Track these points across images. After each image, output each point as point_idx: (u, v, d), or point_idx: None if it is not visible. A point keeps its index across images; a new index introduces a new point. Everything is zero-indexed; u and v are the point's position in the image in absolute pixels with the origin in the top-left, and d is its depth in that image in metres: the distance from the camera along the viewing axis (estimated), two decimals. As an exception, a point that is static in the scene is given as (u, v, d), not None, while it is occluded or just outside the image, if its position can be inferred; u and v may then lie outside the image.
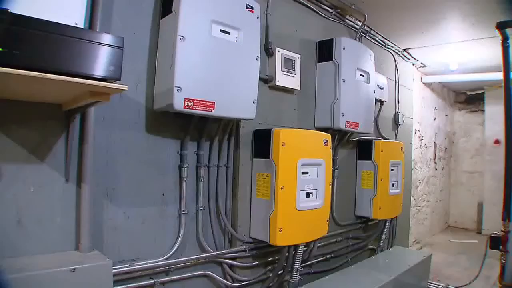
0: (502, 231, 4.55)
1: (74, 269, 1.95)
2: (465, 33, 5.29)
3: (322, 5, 4.21)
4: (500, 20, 4.37)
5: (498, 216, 4.58)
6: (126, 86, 1.76)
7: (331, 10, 4.32)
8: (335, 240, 4.38)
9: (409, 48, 6.08)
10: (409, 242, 6.81)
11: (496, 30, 4.46)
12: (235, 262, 3.21)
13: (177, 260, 2.77)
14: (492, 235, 4.71)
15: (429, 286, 4.88)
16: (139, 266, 2.54)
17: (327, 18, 4.28)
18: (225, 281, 3.14)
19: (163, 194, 2.75)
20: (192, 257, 2.89)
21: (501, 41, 4.58)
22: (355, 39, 4.61)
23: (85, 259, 2.11)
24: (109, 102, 1.85)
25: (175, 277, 2.78)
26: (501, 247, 4.55)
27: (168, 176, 2.78)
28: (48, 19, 1.56)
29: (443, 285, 4.92)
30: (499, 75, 4.75)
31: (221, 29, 2.64)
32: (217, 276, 3.07)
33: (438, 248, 7.51)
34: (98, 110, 2.33)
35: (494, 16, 4.41)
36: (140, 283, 2.56)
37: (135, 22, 2.57)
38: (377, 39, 5.33)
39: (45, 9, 1.73)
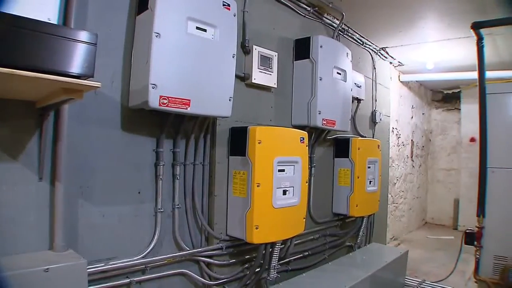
0: (476, 227, 4.63)
1: (47, 269, 1.93)
2: (442, 33, 5.37)
3: (300, 3, 4.21)
4: (475, 21, 4.44)
5: (474, 212, 4.67)
6: (99, 84, 1.74)
7: (308, 8, 4.33)
8: (312, 237, 4.39)
9: (386, 47, 6.14)
10: (386, 239, 6.88)
11: (471, 30, 4.53)
12: (212, 260, 3.20)
13: (154, 258, 2.75)
14: (467, 231, 4.79)
15: (406, 282, 4.92)
16: (115, 265, 2.51)
17: (305, 16, 4.29)
18: (202, 279, 3.13)
19: (139, 192, 2.73)
20: (169, 256, 2.87)
21: (476, 41, 4.66)
22: (332, 38, 4.62)
23: (59, 259, 2.08)
24: (82, 99, 1.83)
25: (152, 275, 2.76)
26: (475, 242, 4.63)
27: (144, 174, 2.76)
28: (20, 14, 1.54)
29: (419, 280, 4.98)
30: (475, 75, 4.81)
31: (197, 26, 2.62)
32: (194, 274, 3.05)
33: (415, 245, 7.61)
34: (73, 107, 2.30)
35: (469, 17, 4.48)
36: (116, 282, 2.54)
37: (110, 18, 2.54)
38: (354, 37, 5.36)
39: (17, 4, 1.70)
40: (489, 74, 5.42)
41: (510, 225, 4.53)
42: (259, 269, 3.41)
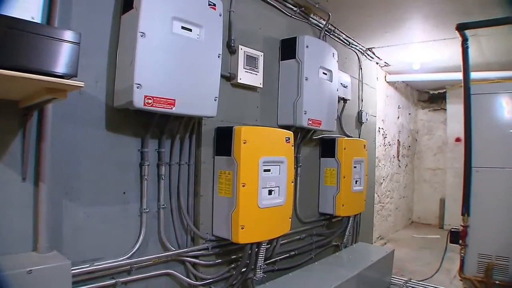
0: (461, 226, 4.67)
1: (30, 270, 1.91)
2: (427, 34, 5.41)
3: (286, 3, 4.22)
4: (460, 22, 4.48)
5: (459, 211, 4.71)
6: (83, 83, 1.73)
7: (295, 9, 4.34)
8: (298, 237, 4.40)
9: (373, 47, 6.17)
10: (373, 238, 6.91)
11: (456, 31, 4.57)
12: (197, 260, 3.20)
13: (139, 259, 2.74)
14: (452, 230, 4.83)
15: (392, 280, 4.95)
16: (100, 266, 2.50)
17: (291, 16, 4.30)
18: (188, 280, 3.12)
19: (124, 193, 2.72)
20: (154, 256, 2.86)
21: (461, 42, 4.70)
22: (319, 38, 4.64)
23: (43, 260, 2.07)
24: (66, 99, 1.82)
25: (137, 276, 2.75)
26: (460, 241, 4.67)
27: (129, 174, 2.75)
28: (2, 13, 1.53)
29: (405, 279, 5.00)
30: (460, 75, 4.86)
31: (183, 26, 2.62)
32: (180, 275, 3.05)
33: (401, 244, 7.65)
34: (57, 107, 2.28)
35: (454, 18, 4.52)
36: (102, 283, 2.52)
37: (95, 17, 2.52)
38: (341, 38, 5.38)
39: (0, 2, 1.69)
40: (474, 74, 5.48)
41: (494, 224, 4.58)
42: (245, 269, 3.40)
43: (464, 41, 4.72)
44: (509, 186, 4.55)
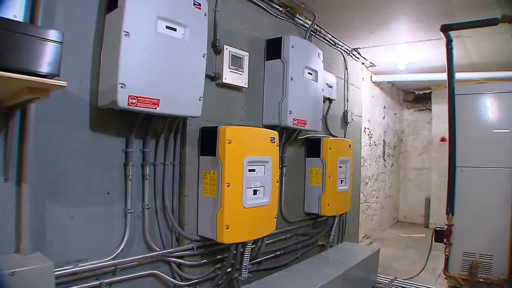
0: (446, 224, 4.72)
1: (13, 272, 1.89)
2: (413, 35, 5.44)
3: (272, 3, 4.22)
4: (444, 23, 4.52)
5: (444, 210, 4.77)
6: (65, 83, 1.72)
7: (281, 9, 4.34)
8: (284, 237, 4.41)
9: (358, 48, 6.19)
10: (359, 237, 6.94)
11: (441, 32, 4.61)
12: (183, 261, 3.19)
13: (124, 259, 2.73)
14: (437, 229, 4.88)
15: (378, 279, 4.98)
16: (84, 267, 2.48)
17: (277, 16, 4.31)
18: (173, 280, 3.12)
19: (108, 193, 2.70)
20: (139, 257, 2.85)
21: (445, 43, 4.75)
22: (304, 38, 4.65)
23: (25, 262, 2.05)
24: (48, 98, 1.81)
25: (122, 277, 2.73)
26: (445, 240, 4.72)
27: (113, 174, 2.74)
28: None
29: (391, 278, 5.03)
30: (445, 76, 4.91)
31: (167, 25, 2.61)
32: (165, 275, 3.04)
33: (387, 243, 7.69)
34: (41, 106, 2.26)
35: (439, 19, 4.56)
36: (86, 285, 2.51)
37: (79, 16, 2.50)
38: (327, 38, 5.40)
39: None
40: (458, 75, 5.54)
41: (478, 222, 4.64)
42: (230, 269, 3.41)
43: (449, 42, 4.77)
44: (492, 185, 4.60)
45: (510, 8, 4.05)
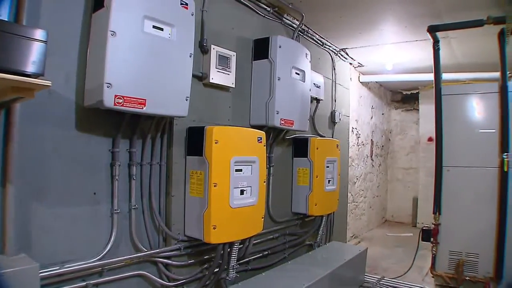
0: (433, 224, 4.76)
1: (-2, 273, 1.87)
2: (400, 35, 5.48)
3: (260, 3, 4.23)
4: (431, 24, 4.56)
5: (432, 210, 4.83)
6: (50, 82, 1.71)
7: (268, 9, 4.35)
8: (271, 236, 4.42)
9: (346, 48, 6.21)
10: (346, 237, 6.97)
11: (428, 33, 4.65)
12: (170, 261, 3.19)
13: (110, 260, 2.72)
14: (424, 228, 4.92)
15: (366, 279, 5.00)
16: (70, 268, 2.46)
17: (264, 16, 4.31)
18: (161, 281, 3.11)
19: (95, 193, 2.69)
20: (126, 257, 2.84)
21: (432, 44, 4.79)
22: (292, 38, 4.66)
23: (10, 263, 2.03)
24: (33, 98, 1.80)
25: (109, 278, 2.72)
26: (432, 239, 4.76)
27: (100, 174, 2.72)
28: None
29: (379, 277, 5.06)
30: (432, 76, 4.95)
31: (154, 25, 2.60)
32: (152, 276, 3.03)
33: (375, 242, 7.72)
34: (26, 106, 2.24)
35: (426, 20, 4.60)
36: (72, 286, 2.49)
37: (65, 15, 2.49)
38: (314, 38, 5.41)
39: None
40: (445, 76, 5.59)
41: (464, 221, 4.69)
42: (217, 269, 3.41)
43: (435, 43, 4.82)
44: (478, 184, 4.65)
45: (495, 9, 4.08)
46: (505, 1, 3.78)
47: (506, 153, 4.44)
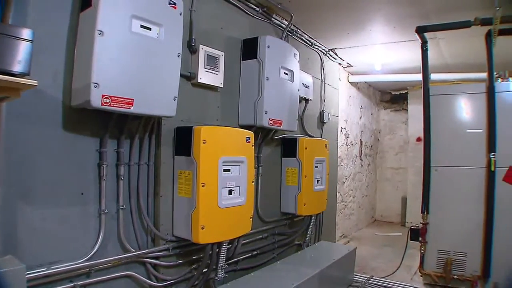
0: (421, 223, 4.80)
1: (-16, 275, 1.85)
2: (388, 36, 5.51)
3: (249, 4, 4.23)
4: (419, 25, 4.59)
5: (420, 209, 4.85)
6: (36, 82, 1.70)
7: (257, 9, 4.35)
8: (260, 236, 4.42)
9: (335, 48, 6.24)
10: (336, 236, 7.00)
11: (416, 33, 4.69)
12: (158, 262, 3.17)
13: (98, 261, 2.70)
14: (412, 227, 4.97)
15: (355, 278, 5.02)
16: (58, 269, 2.45)
17: (253, 16, 4.31)
18: (149, 281, 3.09)
19: (82, 194, 2.67)
20: (114, 258, 2.82)
21: (420, 44, 4.83)
22: (281, 38, 4.67)
23: (-4, 265, 2.01)
24: (19, 98, 1.79)
25: (97, 279, 2.70)
26: (420, 238, 4.80)
27: (87, 175, 2.71)
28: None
29: (367, 276, 5.07)
30: (420, 76, 4.99)
31: (142, 24, 2.59)
32: (140, 276, 3.02)
33: (364, 242, 7.76)
34: (12, 105, 2.22)
35: (414, 21, 4.64)
36: (60, 287, 2.48)
37: (53, 14, 2.47)
38: (303, 38, 5.43)
39: None
40: (433, 76, 5.63)
41: (452, 221, 4.74)
42: (206, 270, 3.40)
43: (424, 43, 4.86)
44: (466, 184, 4.70)
45: (483, 11, 4.12)
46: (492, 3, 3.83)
47: (493, 153, 4.49)
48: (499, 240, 4.47)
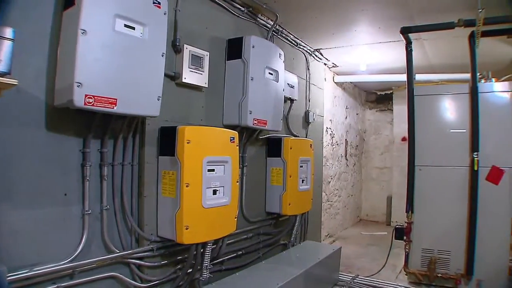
0: (406, 222, 4.84)
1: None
2: (373, 37, 5.55)
3: (234, 3, 4.23)
4: (404, 26, 4.63)
5: (405, 208, 4.87)
6: (16, 81, 1.69)
7: (243, 9, 4.35)
8: (245, 236, 4.43)
9: (320, 48, 6.26)
10: (321, 236, 7.02)
11: (401, 34, 4.72)
12: (143, 262, 3.16)
13: (82, 262, 2.68)
14: (397, 226, 5.00)
15: (340, 277, 5.04)
16: (40, 271, 2.42)
17: (238, 16, 4.31)
18: (134, 282, 3.08)
19: (65, 194, 2.65)
20: (98, 259, 2.81)
21: (405, 45, 4.86)
22: (266, 38, 4.69)
23: (-24, 267, 1.99)
24: (1, 97, 1.77)
25: (80, 280, 2.69)
26: (405, 237, 4.84)
27: (70, 175, 2.68)
28: None
29: (353, 275, 5.09)
30: (405, 77, 5.02)
31: (126, 24, 2.58)
32: (125, 277, 3.00)
33: (350, 241, 7.79)
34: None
35: (399, 22, 4.67)
36: (43, 289, 2.46)
37: (35, 13, 2.45)
38: (289, 38, 5.44)
39: None
40: (418, 76, 5.68)
41: (436, 220, 4.78)
42: (191, 270, 3.41)
43: (408, 44, 4.90)
44: (449, 183, 4.74)
45: (466, 12, 4.15)
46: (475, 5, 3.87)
47: (476, 153, 4.54)
48: (482, 239, 4.53)
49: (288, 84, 5.10)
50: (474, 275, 4.55)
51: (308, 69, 6.09)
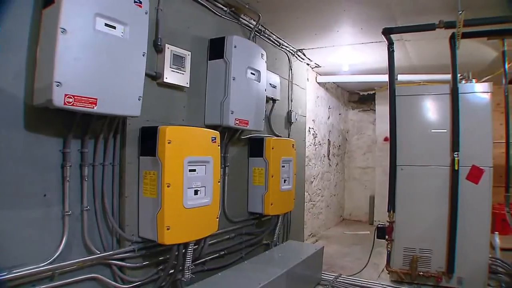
0: (387, 221, 4.87)
1: None
2: (355, 37, 5.58)
3: (217, 3, 4.23)
4: (386, 27, 4.66)
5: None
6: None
7: (225, 9, 4.36)
8: (228, 236, 4.43)
9: (303, 49, 6.27)
10: (304, 236, 7.05)
11: (382, 35, 4.75)
12: (124, 263, 3.15)
13: (62, 264, 2.66)
14: (379, 226, 5.04)
15: (323, 276, 5.06)
16: (19, 273, 2.40)
17: (221, 16, 4.31)
18: (115, 283, 3.07)
19: (45, 195, 2.62)
20: (78, 260, 2.79)
21: (387, 46, 4.90)
22: (249, 39, 4.69)
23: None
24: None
25: (61, 282, 2.66)
26: (387, 236, 4.88)
27: (50, 176, 2.66)
28: None
29: (335, 275, 5.11)
30: (387, 77, 5.05)
31: (106, 23, 2.57)
32: (106, 279, 2.99)
33: (333, 240, 7.82)
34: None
35: (380, 23, 4.71)
36: (22, 291, 2.43)
37: (14, 11, 2.41)
38: (271, 38, 5.45)
39: None
40: (399, 77, 5.72)
41: (417, 219, 4.83)
42: (173, 271, 3.40)
43: (390, 45, 4.93)
44: (430, 183, 4.79)
45: (447, 14, 4.20)
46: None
47: (456, 152, 4.58)
48: (463, 237, 4.58)
49: (270, 84, 5.11)
50: (455, 272, 4.61)
51: (291, 69, 6.12)
